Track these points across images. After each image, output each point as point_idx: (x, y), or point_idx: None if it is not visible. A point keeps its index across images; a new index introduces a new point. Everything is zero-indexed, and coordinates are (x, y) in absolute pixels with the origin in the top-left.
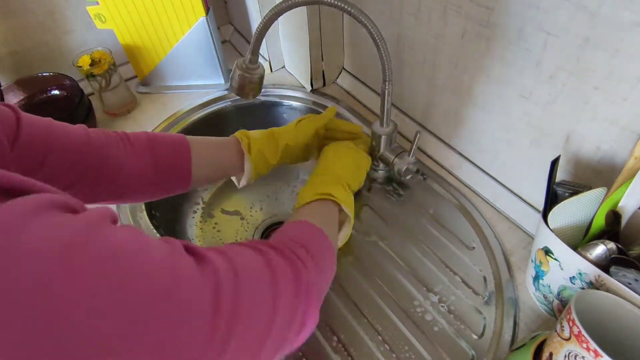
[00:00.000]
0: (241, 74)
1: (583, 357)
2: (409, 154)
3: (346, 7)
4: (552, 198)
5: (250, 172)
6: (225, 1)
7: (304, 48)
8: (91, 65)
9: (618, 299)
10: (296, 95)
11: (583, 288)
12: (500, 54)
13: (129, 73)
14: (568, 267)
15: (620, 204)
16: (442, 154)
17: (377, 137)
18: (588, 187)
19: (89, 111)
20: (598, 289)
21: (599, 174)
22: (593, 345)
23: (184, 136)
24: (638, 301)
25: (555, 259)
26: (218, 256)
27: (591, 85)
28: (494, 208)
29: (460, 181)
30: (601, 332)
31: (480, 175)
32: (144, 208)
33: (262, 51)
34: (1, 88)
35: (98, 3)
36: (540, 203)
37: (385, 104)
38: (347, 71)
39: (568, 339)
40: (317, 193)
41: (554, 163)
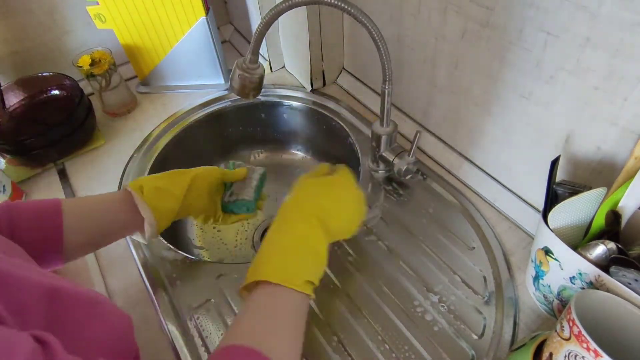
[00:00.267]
0: (241, 74)
1: (583, 357)
2: (409, 154)
3: (346, 7)
4: (552, 198)
5: (151, 217)
6: (225, 1)
7: (304, 48)
8: (91, 65)
9: (618, 299)
10: (296, 95)
11: (583, 288)
12: (500, 54)
13: (129, 73)
14: (568, 267)
15: (620, 204)
16: (442, 154)
17: (377, 137)
18: (588, 187)
19: (89, 111)
20: (598, 289)
21: (599, 174)
22: (593, 345)
23: (58, 200)
24: (638, 301)
25: (555, 259)
26: None
27: (591, 85)
28: (494, 208)
29: (460, 181)
30: (601, 332)
31: (480, 175)
32: None
33: (262, 51)
34: (1, 88)
35: (98, 3)
36: (540, 203)
37: (385, 104)
38: (347, 71)
39: (568, 339)
40: (250, 275)
41: (554, 163)
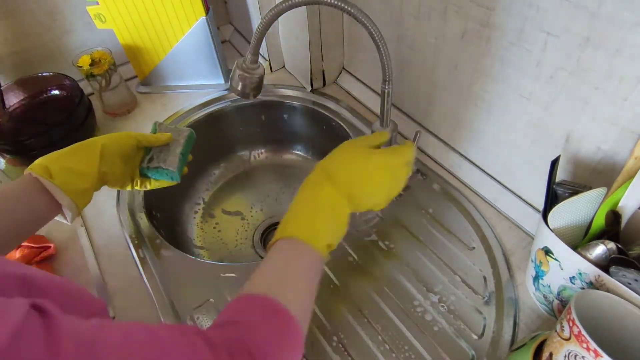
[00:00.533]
0: (241, 74)
1: (583, 357)
2: None
3: (346, 7)
4: (552, 198)
5: (68, 201)
6: (225, 1)
7: (304, 48)
8: (91, 65)
9: (618, 299)
10: (296, 95)
11: (583, 288)
12: (500, 54)
13: (129, 73)
14: (568, 267)
15: (620, 204)
16: (442, 154)
17: None
18: (588, 187)
19: (89, 111)
20: (598, 289)
21: (599, 174)
22: (593, 345)
23: None
24: (638, 301)
25: (555, 259)
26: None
27: (591, 85)
28: (494, 208)
29: (460, 181)
30: (601, 332)
31: (480, 175)
32: (144, 209)
33: (262, 51)
34: (1, 88)
35: (98, 3)
36: (540, 203)
37: (385, 104)
38: (347, 71)
39: (568, 339)
40: (279, 233)
41: (554, 163)
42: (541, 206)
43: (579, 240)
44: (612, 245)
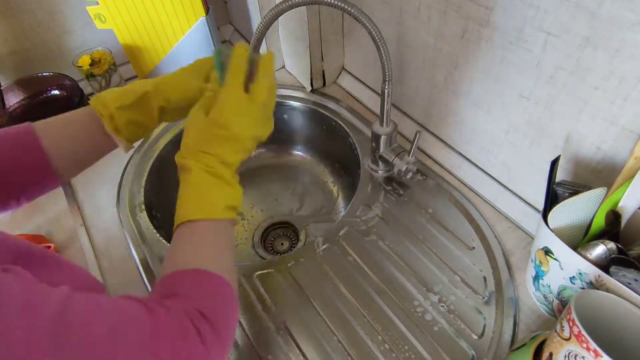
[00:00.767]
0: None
1: (583, 357)
2: (409, 154)
3: (346, 7)
4: (552, 198)
5: (126, 146)
6: (225, 1)
7: (304, 48)
8: (91, 65)
9: (618, 299)
10: (296, 95)
11: (583, 288)
12: (500, 54)
13: (129, 73)
14: (568, 267)
15: (620, 204)
16: (442, 154)
17: (377, 137)
18: (588, 187)
19: None
20: (598, 289)
21: (599, 174)
22: (593, 345)
23: (28, 123)
24: (638, 301)
25: (555, 259)
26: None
27: (591, 85)
28: (494, 208)
29: (460, 181)
30: (601, 332)
31: (480, 175)
32: (144, 208)
33: (262, 51)
34: (1, 88)
35: (98, 3)
36: (540, 203)
37: (385, 104)
38: (347, 71)
39: (568, 339)
40: (228, 207)
41: (554, 163)
42: (541, 206)
43: (579, 240)
44: (612, 245)
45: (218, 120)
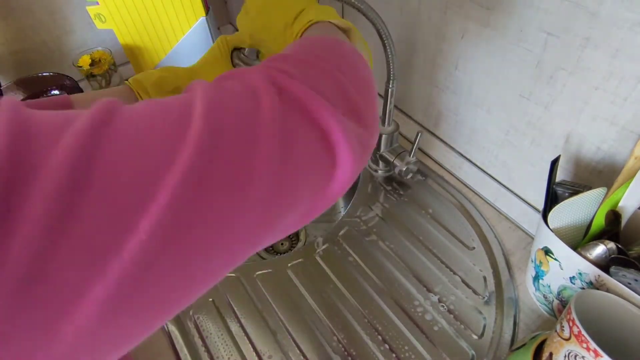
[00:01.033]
0: (237, 63)
1: (583, 357)
2: (410, 154)
3: (356, 3)
4: (552, 198)
5: None
6: (225, 1)
7: None
8: (91, 65)
9: (618, 299)
10: None
11: (583, 288)
12: (500, 54)
13: (129, 73)
14: (568, 267)
15: (620, 204)
16: (442, 154)
17: (378, 136)
18: (588, 187)
19: None
20: (598, 289)
21: (599, 174)
22: (593, 345)
23: (66, 96)
24: (638, 301)
25: (555, 259)
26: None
27: (591, 85)
28: (494, 208)
29: (460, 181)
30: (601, 332)
31: (480, 175)
32: None
33: None
34: (1, 88)
35: (98, 3)
36: (540, 203)
37: (388, 104)
38: None
39: (568, 339)
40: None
41: (554, 163)
42: (541, 206)
43: (579, 240)
44: (612, 245)
45: None
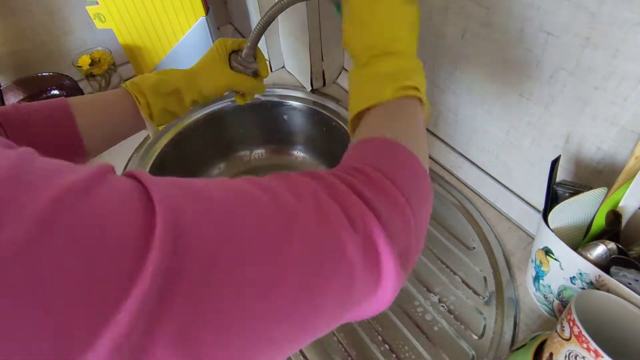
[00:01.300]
0: (235, 66)
1: (583, 358)
2: None
3: None
4: (553, 198)
5: (154, 130)
6: (225, 1)
7: (304, 48)
8: (91, 65)
9: (618, 299)
10: (296, 95)
11: (583, 288)
12: (500, 54)
13: (129, 73)
14: (568, 267)
15: (620, 204)
16: (443, 154)
17: None
18: (588, 187)
19: None
20: (598, 289)
21: (599, 174)
22: (593, 345)
23: (64, 99)
24: (638, 301)
25: (555, 259)
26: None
27: (591, 85)
28: (494, 208)
29: (460, 181)
30: (601, 332)
31: (480, 175)
32: None
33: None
34: (1, 88)
35: (98, 3)
36: (540, 203)
37: None
38: (348, 71)
39: (568, 339)
40: (399, 87)
41: (554, 163)
42: (541, 206)
43: (580, 240)
44: (613, 245)
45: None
